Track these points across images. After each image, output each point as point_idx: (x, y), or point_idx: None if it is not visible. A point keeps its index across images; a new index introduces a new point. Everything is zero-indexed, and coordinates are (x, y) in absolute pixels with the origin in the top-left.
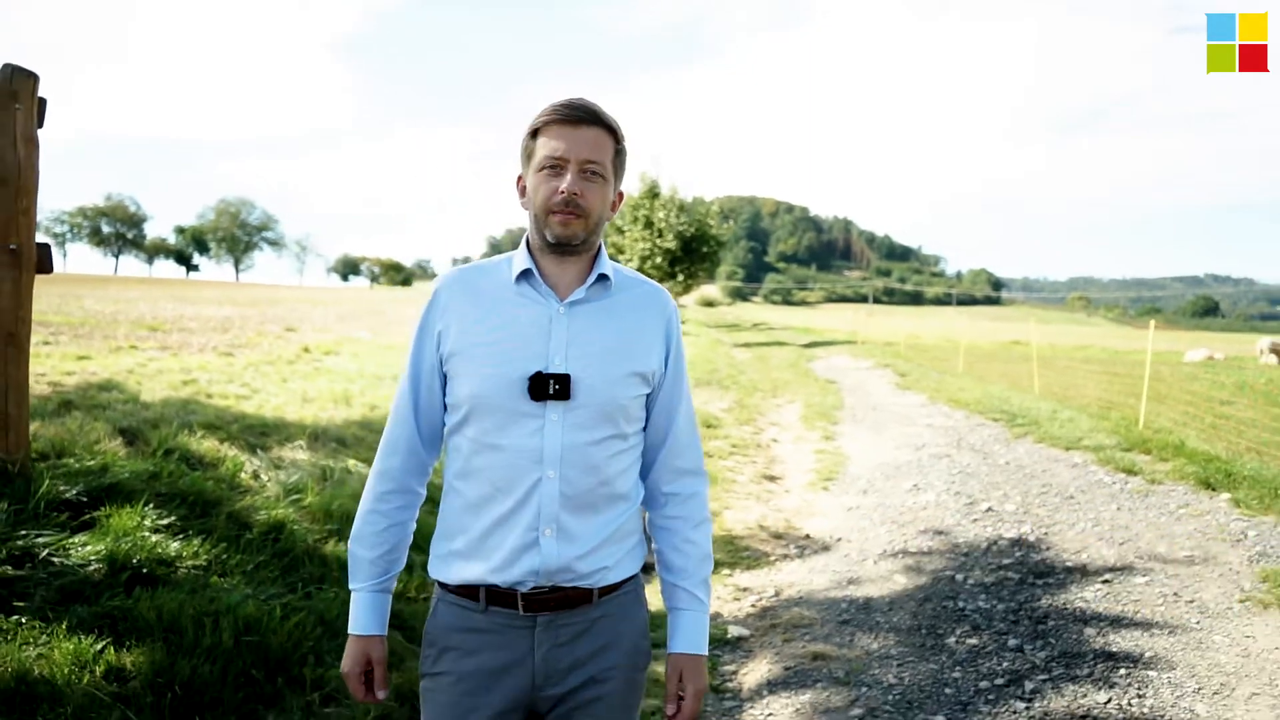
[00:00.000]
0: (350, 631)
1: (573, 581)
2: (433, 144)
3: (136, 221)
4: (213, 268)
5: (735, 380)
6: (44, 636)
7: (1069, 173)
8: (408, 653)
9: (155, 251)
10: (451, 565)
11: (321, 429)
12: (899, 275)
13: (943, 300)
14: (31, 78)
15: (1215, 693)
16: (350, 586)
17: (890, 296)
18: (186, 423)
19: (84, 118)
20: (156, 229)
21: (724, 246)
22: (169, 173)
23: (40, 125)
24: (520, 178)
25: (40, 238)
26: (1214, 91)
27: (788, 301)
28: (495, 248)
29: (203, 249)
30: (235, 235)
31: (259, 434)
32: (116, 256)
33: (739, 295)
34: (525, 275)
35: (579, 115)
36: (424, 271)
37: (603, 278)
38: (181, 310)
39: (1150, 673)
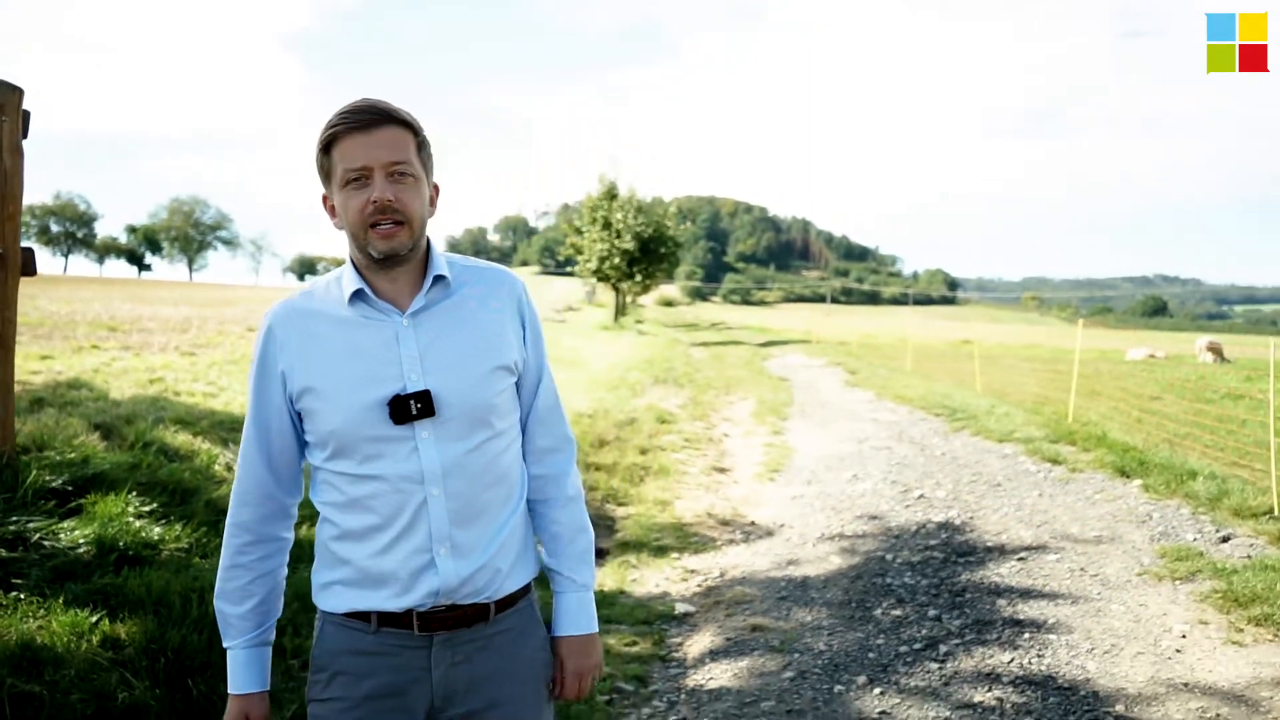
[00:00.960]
0: (230, 691)
1: (471, 598)
2: None
3: (86, 220)
4: (165, 267)
5: (690, 378)
6: (42, 610)
7: (1024, 174)
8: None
9: (106, 251)
10: (339, 594)
11: None
12: (856, 275)
13: (899, 300)
14: (17, 91)
15: (1105, 652)
16: (225, 645)
17: (848, 296)
18: (159, 418)
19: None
20: (106, 228)
21: (682, 247)
22: (118, 169)
23: (25, 136)
24: (325, 198)
25: None
26: (1163, 95)
27: (746, 301)
28: (453, 247)
29: (155, 248)
30: (188, 234)
31: (228, 429)
32: (66, 256)
33: (698, 295)
34: (358, 295)
35: (369, 117)
36: None
37: (439, 279)
38: (138, 310)
39: (1051, 636)
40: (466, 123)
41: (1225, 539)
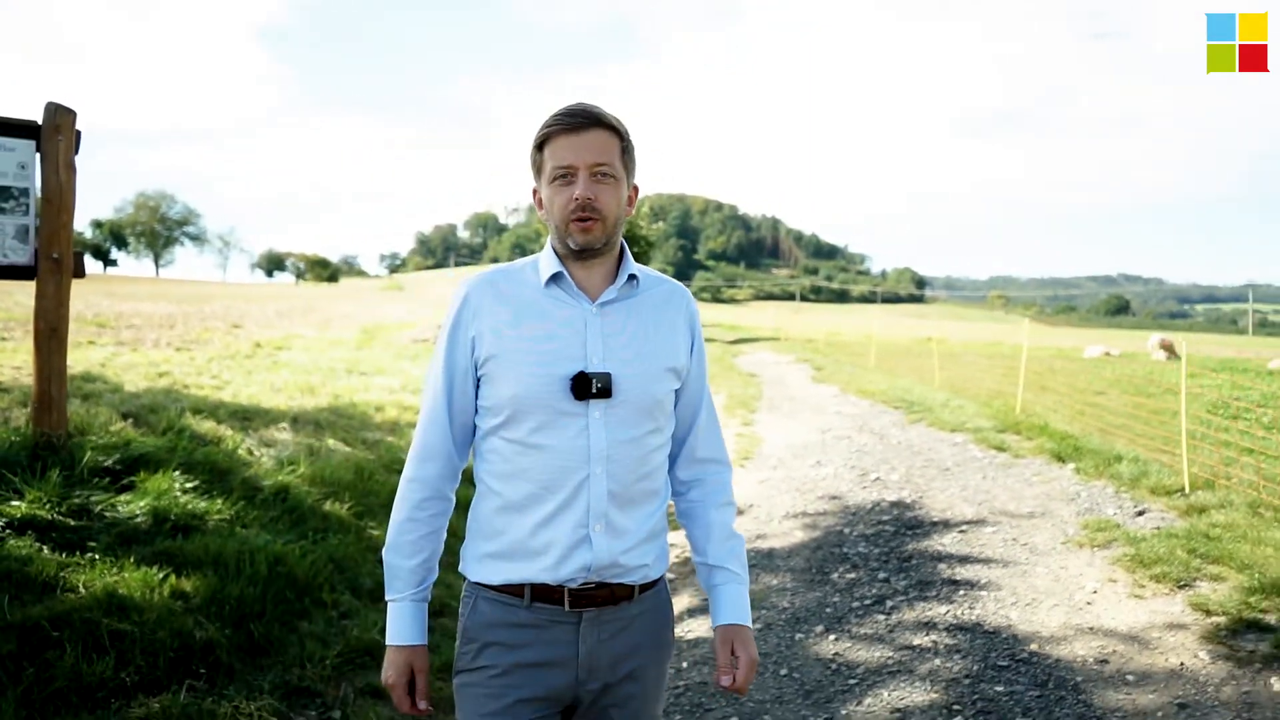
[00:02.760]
0: (391, 643)
1: (619, 577)
2: (362, 138)
3: None
4: (131, 263)
5: None
6: (115, 568)
7: (992, 174)
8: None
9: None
10: (493, 566)
11: (297, 414)
12: (825, 273)
13: (868, 298)
14: (70, 113)
15: (1027, 605)
16: (388, 597)
17: (817, 294)
18: (180, 409)
19: None
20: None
21: (654, 245)
22: (83, 163)
23: (76, 153)
24: (535, 191)
25: None
26: (1130, 97)
27: (717, 299)
28: (424, 243)
29: (121, 244)
30: (155, 230)
31: (243, 419)
32: None
33: None
34: (556, 278)
35: (580, 120)
36: (351, 268)
37: (631, 278)
38: (118, 307)
39: (982, 593)
40: (439, 117)
41: (1140, 513)
